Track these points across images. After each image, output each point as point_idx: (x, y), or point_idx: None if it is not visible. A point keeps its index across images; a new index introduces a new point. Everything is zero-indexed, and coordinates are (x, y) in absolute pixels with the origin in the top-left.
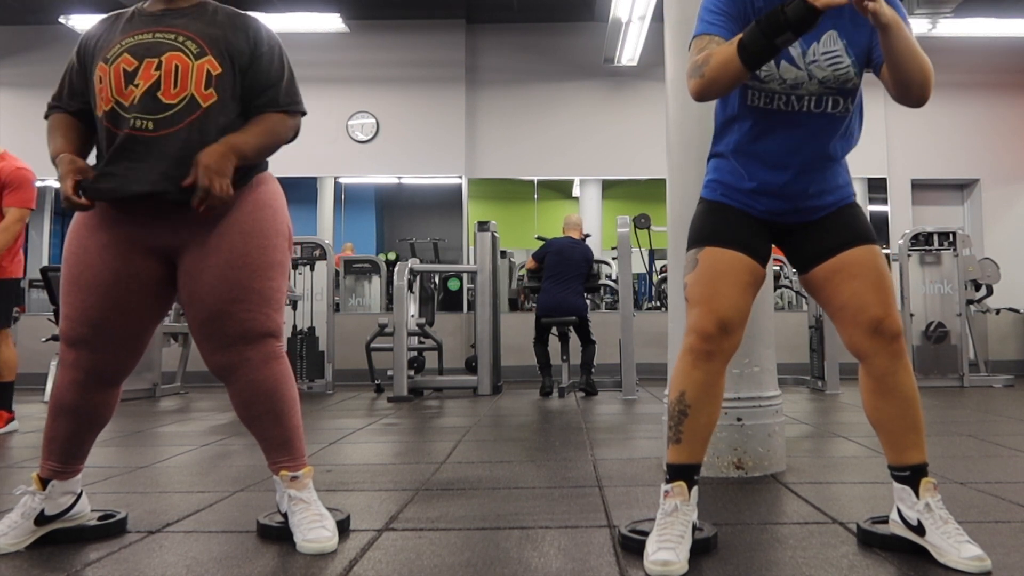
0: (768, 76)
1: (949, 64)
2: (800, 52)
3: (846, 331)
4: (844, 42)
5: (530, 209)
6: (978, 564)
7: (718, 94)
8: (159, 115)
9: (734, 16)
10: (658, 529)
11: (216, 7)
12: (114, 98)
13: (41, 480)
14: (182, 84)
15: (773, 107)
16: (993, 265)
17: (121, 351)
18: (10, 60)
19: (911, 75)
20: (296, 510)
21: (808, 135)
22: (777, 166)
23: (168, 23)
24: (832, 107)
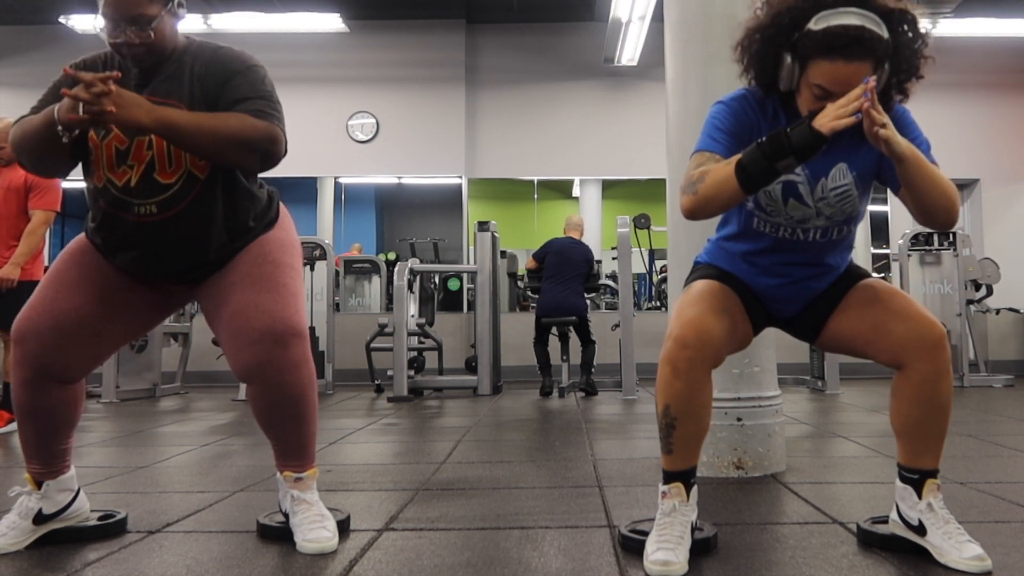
0: (774, 211)
1: (949, 64)
2: (808, 190)
3: (884, 348)
4: (854, 175)
5: (530, 209)
6: (979, 564)
7: (711, 214)
8: (160, 197)
9: (738, 136)
10: (657, 530)
11: (196, 55)
12: (107, 176)
13: (35, 480)
14: (176, 162)
15: (778, 235)
16: (993, 265)
17: (77, 350)
18: (10, 60)
19: (934, 204)
20: (298, 510)
21: (810, 256)
22: (775, 276)
23: (154, 89)
24: (837, 235)
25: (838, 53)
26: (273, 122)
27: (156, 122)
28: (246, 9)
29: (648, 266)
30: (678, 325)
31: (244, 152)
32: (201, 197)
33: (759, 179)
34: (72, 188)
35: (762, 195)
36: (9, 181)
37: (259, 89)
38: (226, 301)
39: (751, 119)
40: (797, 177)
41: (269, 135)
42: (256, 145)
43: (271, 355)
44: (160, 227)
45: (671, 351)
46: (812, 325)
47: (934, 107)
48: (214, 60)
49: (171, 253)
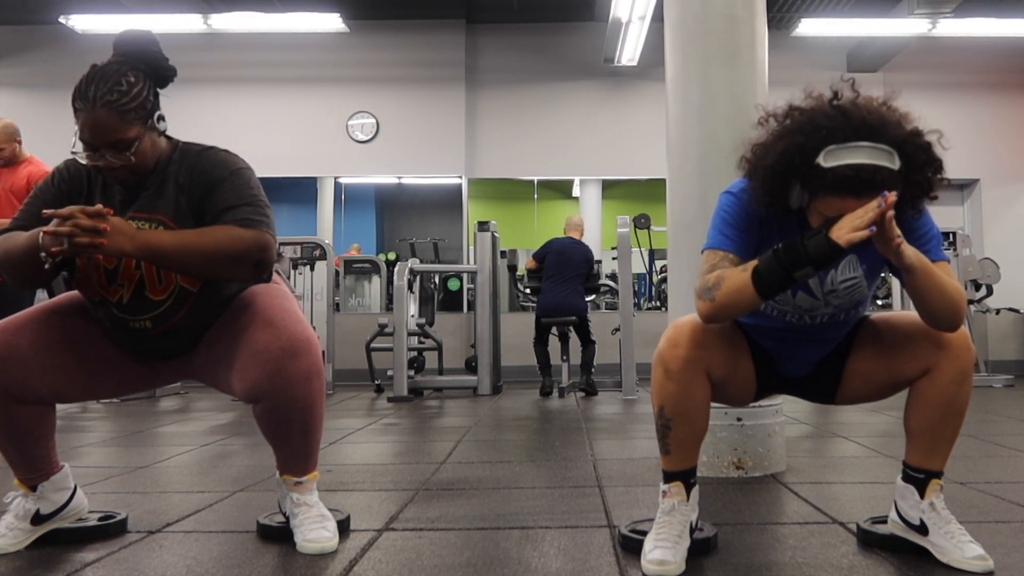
0: (783, 300)
1: (949, 64)
2: (818, 282)
3: (910, 361)
4: (864, 268)
5: (530, 209)
6: (981, 564)
7: (729, 319)
8: (153, 313)
9: (748, 232)
10: (656, 529)
11: (180, 162)
12: (100, 293)
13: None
14: (166, 279)
15: (785, 320)
16: (993, 265)
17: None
18: (10, 60)
19: (939, 310)
20: (298, 512)
21: (818, 333)
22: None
23: (140, 205)
24: (844, 318)
25: (848, 192)
26: (261, 229)
27: (139, 248)
28: (246, 9)
29: (648, 266)
30: (672, 328)
31: (234, 265)
32: (194, 309)
33: (776, 287)
34: None
35: None
36: (12, 183)
37: (245, 196)
38: (221, 341)
39: (761, 213)
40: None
41: (258, 244)
42: (246, 257)
43: (280, 366)
44: (155, 337)
45: (663, 351)
46: (829, 379)
47: (934, 107)
48: (197, 168)
49: (165, 348)
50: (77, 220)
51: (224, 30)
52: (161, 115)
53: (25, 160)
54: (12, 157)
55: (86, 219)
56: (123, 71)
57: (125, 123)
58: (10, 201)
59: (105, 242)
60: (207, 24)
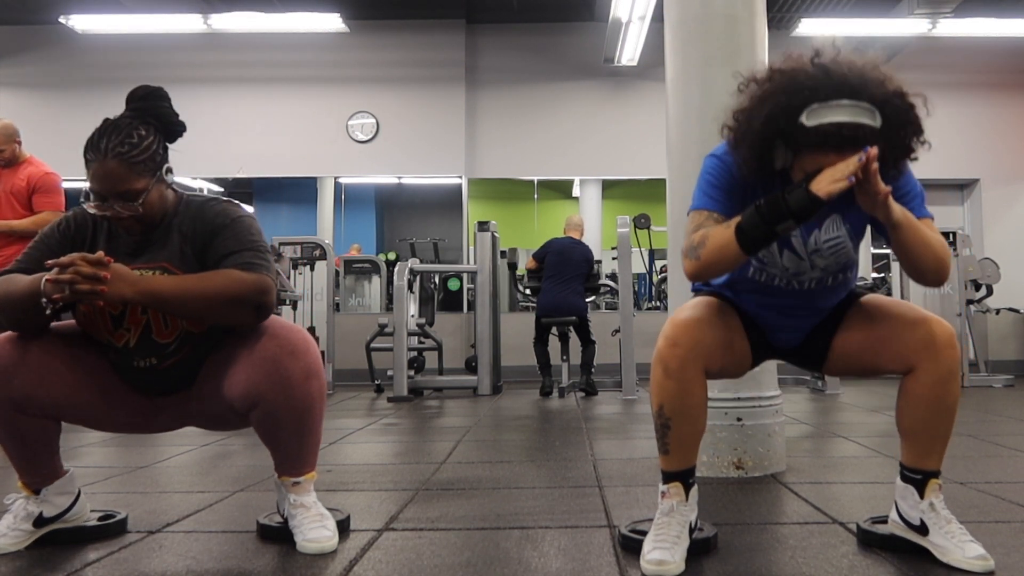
0: (770, 263)
1: (949, 64)
2: (802, 242)
3: (894, 355)
4: (847, 227)
5: (530, 209)
6: (982, 564)
7: (714, 276)
8: (159, 353)
9: (732, 193)
10: (655, 529)
11: (184, 213)
12: (107, 338)
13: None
14: (172, 324)
15: (774, 284)
16: (993, 265)
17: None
18: (10, 60)
19: (924, 265)
20: (296, 513)
21: (807, 299)
22: (776, 313)
23: (145, 257)
24: (832, 282)
25: (830, 148)
26: (261, 272)
27: (141, 295)
28: (246, 9)
29: (648, 266)
30: (670, 326)
31: (234, 308)
32: (199, 346)
33: (759, 242)
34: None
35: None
36: (12, 184)
37: (245, 241)
38: (217, 359)
39: (744, 180)
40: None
41: (258, 287)
42: (246, 299)
43: (279, 365)
44: (160, 372)
45: (662, 350)
46: (817, 352)
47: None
48: (199, 218)
49: (168, 387)
50: (78, 267)
51: (224, 30)
52: (169, 168)
53: (25, 161)
54: (12, 158)
55: (87, 266)
56: (135, 124)
57: (134, 174)
58: (10, 202)
59: (106, 289)
60: (207, 24)
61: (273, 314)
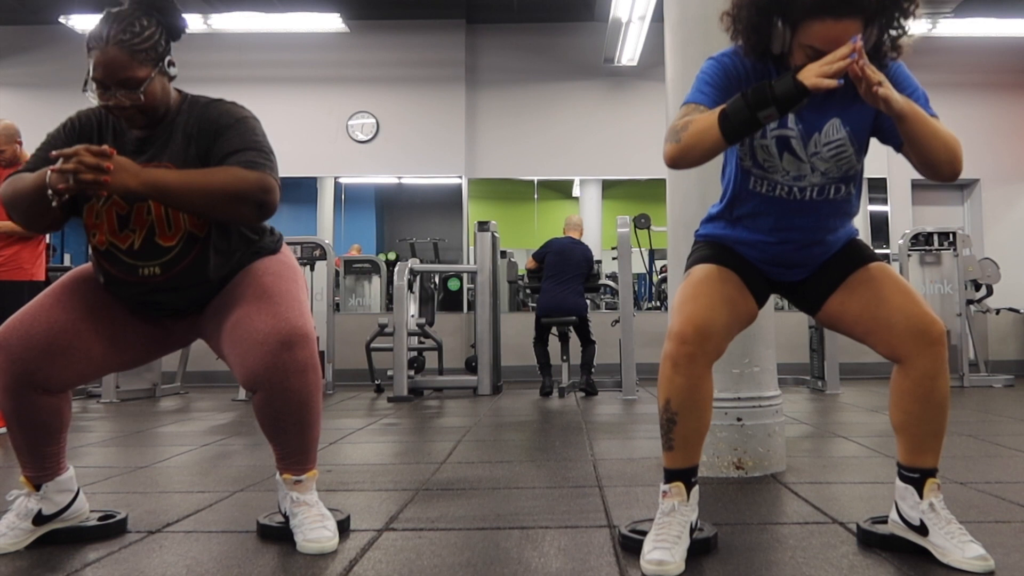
0: (771, 167)
1: (949, 64)
2: (802, 144)
3: (883, 339)
4: (848, 130)
5: (530, 209)
6: (982, 564)
7: (692, 162)
8: (163, 259)
9: (727, 91)
10: (655, 529)
11: (189, 112)
12: (109, 240)
13: (32, 483)
14: (176, 225)
15: (775, 195)
16: (993, 265)
17: (61, 364)
18: (10, 60)
19: (937, 157)
20: (298, 512)
21: (809, 217)
22: (778, 239)
23: (149, 155)
24: (834, 194)
25: (827, 12)
26: (265, 171)
27: (144, 185)
28: (246, 9)
29: (648, 266)
30: (678, 321)
31: (237, 205)
32: (202, 255)
33: (741, 129)
34: None
35: (759, 150)
36: None
37: (249, 140)
38: (228, 314)
39: (741, 75)
40: (790, 132)
41: (261, 185)
42: (248, 196)
43: (278, 358)
44: (163, 284)
45: (671, 348)
46: (815, 297)
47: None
48: (204, 117)
49: (174, 301)
50: (81, 157)
51: (224, 30)
52: (172, 61)
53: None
54: (13, 158)
55: (90, 156)
56: (137, 15)
57: (136, 62)
58: None
59: (109, 179)
60: (207, 24)
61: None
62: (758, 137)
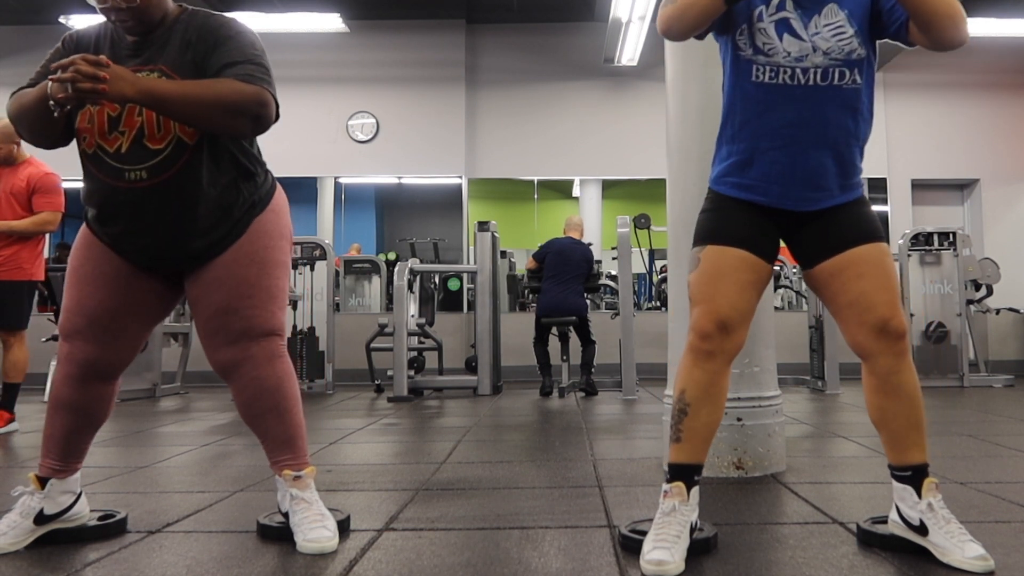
0: (772, 49)
1: (949, 64)
2: (802, 25)
3: (850, 330)
4: (845, 12)
5: (530, 209)
6: (982, 564)
7: (687, 27)
8: (150, 163)
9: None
10: (655, 529)
11: (188, 22)
12: (97, 142)
13: (39, 480)
14: (165, 128)
15: (779, 81)
16: (993, 265)
17: (115, 343)
18: (10, 60)
19: (937, 13)
20: (298, 510)
21: (816, 108)
22: (785, 142)
23: (145, 58)
24: (839, 79)
25: None
26: (262, 85)
27: (140, 93)
28: (246, 9)
29: (648, 266)
30: (700, 314)
31: (232, 117)
32: (190, 163)
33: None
34: (72, 188)
35: (758, 35)
36: (11, 184)
37: (247, 53)
38: (208, 298)
39: None
40: (789, 14)
41: (257, 99)
42: (244, 109)
43: (246, 353)
44: (150, 193)
45: (693, 343)
46: (812, 252)
47: (934, 107)
48: (204, 27)
49: (160, 223)
50: (78, 66)
51: None
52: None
53: (25, 161)
54: (10, 157)
55: (86, 65)
56: None
57: None
58: (10, 202)
59: (107, 88)
60: None
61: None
62: (756, 21)
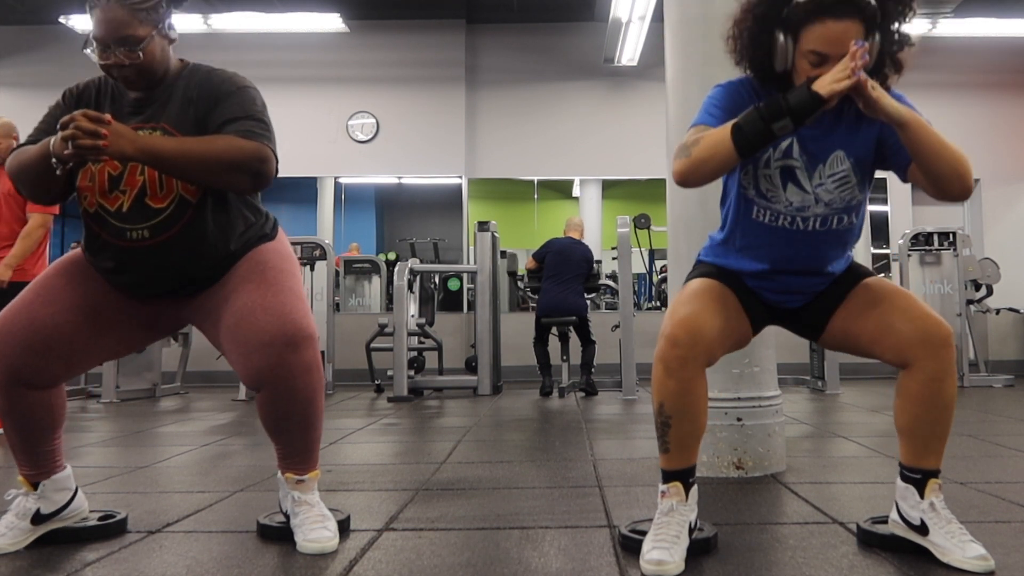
0: (774, 197)
1: (949, 64)
2: (807, 175)
3: (890, 346)
4: (851, 161)
5: (530, 209)
6: (982, 564)
7: (703, 178)
8: (152, 222)
9: (733, 112)
10: (654, 529)
11: (190, 78)
12: (98, 202)
13: (29, 482)
14: (167, 187)
15: (778, 224)
16: (993, 265)
17: (46, 359)
18: (10, 60)
19: (944, 170)
20: (299, 511)
21: (812, 247)
22: (777, 270)
23: (147, 116)
24: (837, 224)
25: (827, 13)
26: (262, 142)
27: (140, 151)
28: (246, 9)
29: (648, 266)
30: (670, 324)
31: (233, 174)
32: (193, 221)
33: (755, 141)
34: None
35: (762, 180)
36: (8, 186)
37: (248, 110)
38: (228, 308)
39: (748, 102)
40: (795, 162)
41: (258, 155)
42: (244, 165)
43: (282, 358)
44: (152, 251)
45: (662, 349)
46: (815, 322)
47: (934, 107)
48: (206, 83)
49: (163, 275)
50: (79, 123)
51: (224, 30)
52: (172, 24)
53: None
54: (8, 154)
55: (87, 122)
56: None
57: (136, 20)
58: (8, 204)
59: (107, 144)
60: (207, 24)
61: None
62: (762, 166)
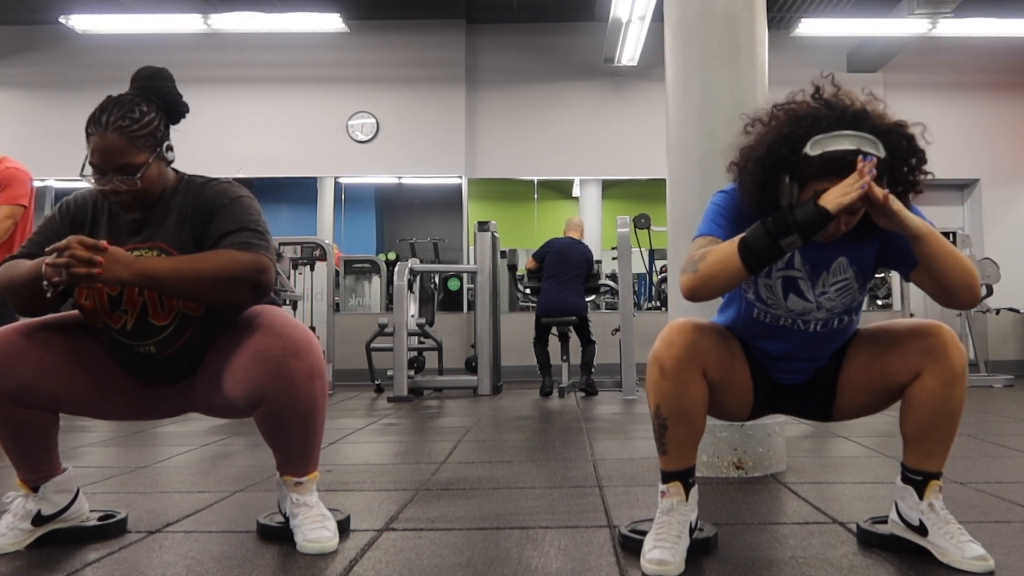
0: (775, 304)
1: (949, 64)
2: (809, 285)
3: (902, 366)
4: (855, 269)
5: (530, 209)
6: (982, 564)
7: (712, 293)
8: (157, 338)
9: (738, 223)
10: (655, 529)
11: (185, 192)
12: (104, 321)
13: (28, 485)
14: (168, 305)
15: (779, 325)
16: (993, 265)
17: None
18: (10, 60)
19: (955, 279)
20: (298, 512)
21: (812, 345)
22: (777, 357)
23: (144, 236)
24: (838, 324)
25: (835, 175)
26: (259, 252)
27: (136, 275)
28: (246, 9)
29: (648, 266)
30: (667, 328)
31: (232, 288)
32: (196, 334)
33: (763, 257)
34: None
35: (762, 288)
36: None
37: (243, 221)
38: (221, 351)
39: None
40: (797, 273)
41: (255, 266)
42: (243, 279)
43: (283, 365)
44: (160, 361)
45: (657, 350)
46: (824, 394)
47: (934, 107)
48: (200, 198)
49: (170, 375)
50: (74, 251)
51: (224, 30)
52: (170, 146)
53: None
54: None
55: (82, 250)
56: (137, 101)
57: (134, 148)
58: None
59: (102, 271)
60: (207, 24)
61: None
62: (763, 276)
